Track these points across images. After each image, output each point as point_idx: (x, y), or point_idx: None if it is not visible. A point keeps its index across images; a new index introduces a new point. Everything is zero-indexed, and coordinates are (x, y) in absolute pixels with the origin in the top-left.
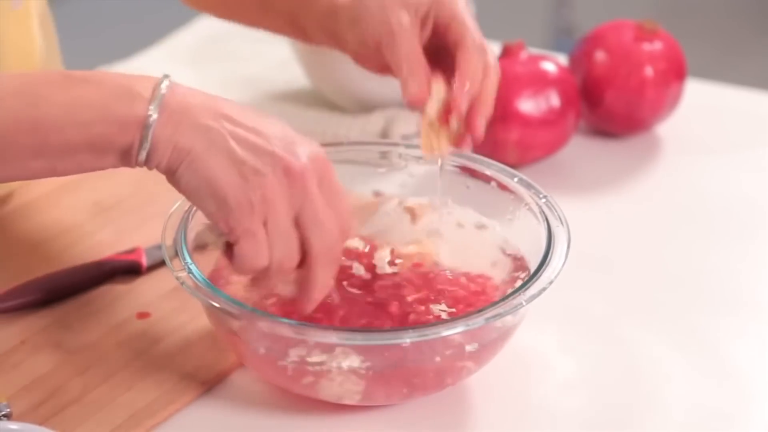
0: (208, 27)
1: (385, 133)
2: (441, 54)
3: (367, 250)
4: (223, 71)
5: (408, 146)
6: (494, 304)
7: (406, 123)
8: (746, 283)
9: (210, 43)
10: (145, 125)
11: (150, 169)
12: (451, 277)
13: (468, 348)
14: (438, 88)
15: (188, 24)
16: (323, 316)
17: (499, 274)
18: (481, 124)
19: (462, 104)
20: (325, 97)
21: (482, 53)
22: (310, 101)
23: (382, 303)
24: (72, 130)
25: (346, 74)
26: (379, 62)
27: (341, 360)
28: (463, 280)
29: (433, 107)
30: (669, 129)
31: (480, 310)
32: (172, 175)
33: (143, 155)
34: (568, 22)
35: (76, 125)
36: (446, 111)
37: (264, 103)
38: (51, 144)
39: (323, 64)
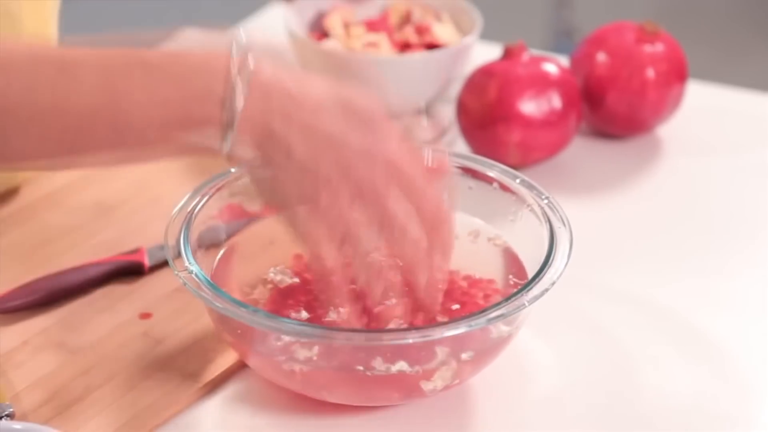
0: (207, 27)
1: None
2: None
3: None
4: None
5: None
6: (497, 304)
7: (410, 126)
8: (746, 283)
9: None
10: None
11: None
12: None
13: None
14: None
15: (188, 25)
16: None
17: (500, 276)
18: None
19: None
20: None
21: None
22: None
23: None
24: (151, 132)
25: (347, 77)
26: None
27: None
28: (463, 284)
29: None
30: (670, 130)
31: (483, 311)
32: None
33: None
34: (568, 24)
35: (155, 128)
36: None
37: None
38: (129, 142)
39: (324, 67)
